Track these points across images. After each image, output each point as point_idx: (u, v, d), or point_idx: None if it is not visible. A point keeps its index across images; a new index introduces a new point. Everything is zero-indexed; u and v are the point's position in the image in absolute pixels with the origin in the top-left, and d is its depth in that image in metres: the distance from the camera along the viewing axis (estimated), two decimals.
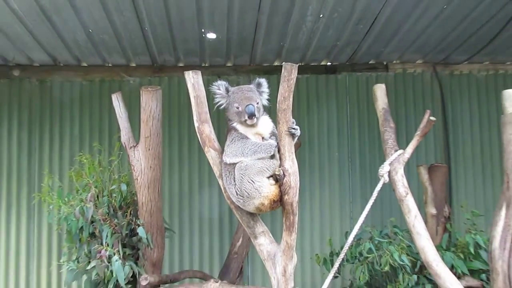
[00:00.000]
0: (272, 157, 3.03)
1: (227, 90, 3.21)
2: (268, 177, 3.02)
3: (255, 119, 3.09)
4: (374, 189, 3.96)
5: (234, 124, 3.17)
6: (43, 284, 5.37)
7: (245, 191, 3.02)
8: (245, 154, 3.03)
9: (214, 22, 4.64)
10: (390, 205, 5.38)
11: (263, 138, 3.15)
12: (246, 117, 3.08)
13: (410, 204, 3.91)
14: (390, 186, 4.03)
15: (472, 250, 4.11)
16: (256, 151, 3.01)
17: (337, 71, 5.77)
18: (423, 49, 5.47)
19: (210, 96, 3.29)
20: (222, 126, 3.81)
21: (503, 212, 3.67)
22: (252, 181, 2.99)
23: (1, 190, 5.45)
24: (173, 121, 5.56)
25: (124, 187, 4.17)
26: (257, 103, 3.13)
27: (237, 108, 3.11)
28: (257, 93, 3.19)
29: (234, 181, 3.07)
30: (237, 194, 3.07)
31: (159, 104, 4.00)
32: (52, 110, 5.57)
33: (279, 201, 3.03)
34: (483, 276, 4.05)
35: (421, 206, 4.32)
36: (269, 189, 3.01)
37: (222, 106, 3.22)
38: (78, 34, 4.80)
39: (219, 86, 3.21)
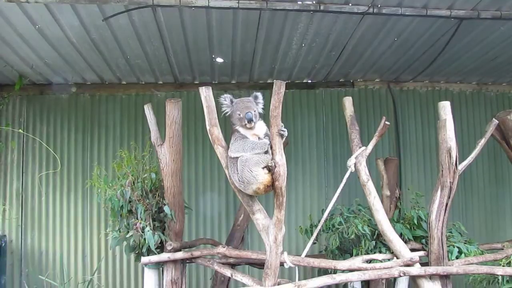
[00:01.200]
0: (266, 152, 3.01)
1: (231, 101, 3.22)
2: (263, 168, 2.98)
3: (253, 123, 3.11)
4: (343, 177, 3.93)
5: (237, 127, 3.18)
6: (94, 247, 5.36)
7: (245, 178, 3.01)
8: (245, 150, 3.02)
9: (222, 49, 4.61)
10: (356, 189, 5.32)
11: (259, 138, 3.14)
12: (246, 122, 3.10)
13: (370, 188, 3.89)
14: (355, 174, 3.99)
15: (415, 221, 4.12)
16: (254, 147, 3.01)
17: (315, 87, 5.72)
18: (380, 70, 5.44)
19: (218, 105, 3.27)
20: (228, 129, 3.77)
21: (438, 193, 3.70)
22: (251, 170, 2.98)
23: (63, 178, 5.41)
24: (190, 125, 5.52)
25: (153, 175, 4.12)
26: (254, 111, 3.15)
27: (239, 115, 3.12)
28: (254, 103, 3.19)
29: (237, 171, 3.06)
30: (239, 180, 3.06)
31: (180, 112, 3.96)
32: (100, 117, 5.52)
33: (271, 186, 3.01)
34: (423, 241, 4.05)
35: (379, 189, 4.30)
36: (263, 177, 2.99)
37: (227, 113, 3.23)
38: (119, 59, 4.77)
39: (225, 98, 3.22)
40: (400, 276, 3.59)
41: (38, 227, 5.31)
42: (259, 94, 3.23)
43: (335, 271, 3.71)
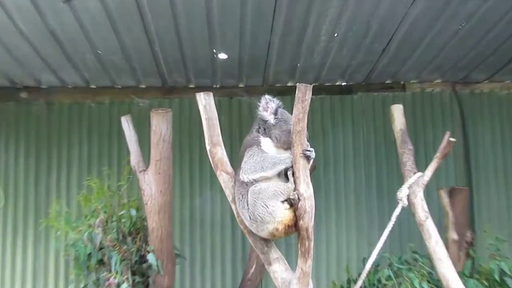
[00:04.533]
0: (287, 180, 3.05)
1: (277, 111, 3.25)
2: (283, 201, 3.02)
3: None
4: (392, 214, 3.95)
5: (260, 138, 3.23)
6: None
7: (259, 216, 3.04)
8: (264, 168, 3.07)
9: (226, 42, 4.68)
10: (409, 230, 5.33)
11: None
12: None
13: (430, 229, 3.89)
14: (409, 210, 4.01)
15: (497, 277, 4.08)
16: (276, 163, 3.06)
17: (353, 92, 5.80)
18: (441, 68, 5.47)
19: (222, 117, 3.35)
20: (235, 149, 3.83)
21: None
22: (266, 205, 3.01)
23: (7, 217, 5.48)
24: (184, 144, 5.60)
25: (133, 212, 4.19)
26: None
27: (289, 130, 3.17)
28: None
29: (248, 205, 3.09)
30: (250, 218, 3.09)
31: (169, 127, 4.03)
32: (60, 133, 5.61)
33: (294, 226, 3.03)
34: None
35: (442, 231, 4.29)
36: (283, 214, 3.02)
37: (267, 121, 3.24)
38: (87, 55, 4.84)
39: (270, 103, 3.25)
40: None
41: None
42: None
43: None
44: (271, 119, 3.22)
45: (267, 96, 3.27)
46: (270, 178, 3.09)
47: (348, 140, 5.72)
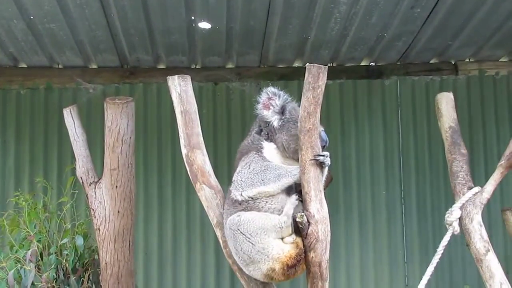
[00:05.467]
0: (289, 192, 3.06)
1: (283, 107, 3.22)
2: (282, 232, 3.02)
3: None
4: (439, 243, 3.95)
5: (263, 143, 3.24)
6: None
7: (244, 254, 3.05)
8: (266, 181, 3.06)
9: (209, 6, 4.69)
10: (463, 267, 5.35)
11: None
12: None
13: (492, 266, 3.88)
14: (462, 238, 4.02)
15: None
16: (282, 174, 3.05)
17: (384, 75, 5.86)
18: (508, 43, 5.51)
19: (203, 110, 3.35)
20: (221, 154, 3.79)
21: None
22: (251, 242, 3.00)
23: None
24: (151, 147, 5.66)
25: (80, 241, 4.19)
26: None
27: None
28: None
29: (233, 236, 3.09)
30: (237, 255, 3.11)
31: (131, 123, 4.03)
32: None
33: (298, 263, 3.02)
34: None
35: (510, 267, 4.30)
36: (281, 249, 3.00)
37: (270, 122, 3.23)
38: (15, 22, 4.84)
39: (276, 97, 3.23)
40: None
41: None
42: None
43: None
44: (275, 120, 3.22)
45: (269, 89, 3.24)
46: (273, 195, 3.08)
47: (377, 141, 5.79)
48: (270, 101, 3.21)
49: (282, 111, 3.21)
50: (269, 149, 3.21)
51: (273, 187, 3.05)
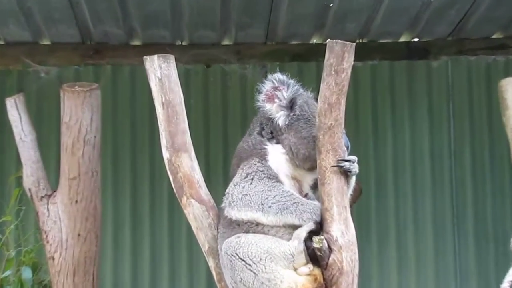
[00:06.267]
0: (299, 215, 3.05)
1: (294, 101, 3.24)
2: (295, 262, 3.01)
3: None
4: (504, 275, 3.96)
5: (267, 147, 3.25)
6: None
7: (244, 285, 3.06)
8: (265, 209, 3.05)
9: None
10: None
11: (300, 189, 3.23)
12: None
13: None
14: None
15: None
16: (287, 208, 3.02)
17: (431, 54, 5.87)
18: None
19: (191, 101, 3.34)
20: (214, 157, 3.77)
21: None
22: (252, 270, 3.00)
23: None
24: (122, 149, 5.69)
25: (27, 273, 4.20)
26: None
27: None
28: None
29: (231, 263, 3.09)
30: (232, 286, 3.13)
31: (95, 117, 4.06)
32: None
33: None
34: None
35: None
36: (294, 281, 3.03)
37: (275, 119, 3.26)
38: None
39: (283, 86, 3.24)
40: None
41: None
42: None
43: None
44: (281, 117, 3.24)
45: (276, 76, 3.24)
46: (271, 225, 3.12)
47: (421, 140, 5.82)
48: (275, 92, 3.22)
49: (291, 106, 3.24)
50: (275, 155, 3.22)
51: (271, 220, 3.07)
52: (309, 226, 2.99)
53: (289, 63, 5.57)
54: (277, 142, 3.22)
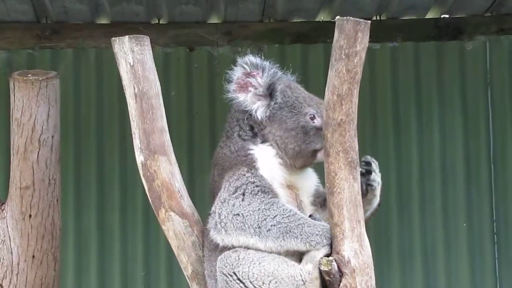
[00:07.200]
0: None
1: (272, 89, 3.32)
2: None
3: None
4: None
5: (253, 151, 3.31)
6: None
7: None
8: (262, 233, 3.10)
9: None
10: None
11: (298, 201, 3.31)
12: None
13: None
14: None
15: None
16: (290, 230, 3.08)
17: (465, 34, 5.93)
18: None
19: (172, 92, 3.37)
20: (199, 160, 3.82)
21: None
22: None
23: None
24: (86, 152, 5.73)
25: None
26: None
27: (312, 119, 3.29)
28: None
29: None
30: None
31: (53, 113, 4.09)
32: None
33: None
34: None
35: None
36: None
37: (251, 112, 3.33)
38: None
39: (257, 70, 3.31)
40: None
41: None
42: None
43: None
44: (259, 108, 3.31)
45: (247, 59, 3.31)
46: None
47: (453, 139, 5.88)
48: (248, 79, 3.30)
49: (270, 93, 3.31)
50: (266, 159, 3.29)
51: (271, 246, 3.10)
52: (326, 249, 3.04)
53: (290, 45, 5.63)
54: (263, 141, 3.29)
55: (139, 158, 3.42)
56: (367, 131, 4.45)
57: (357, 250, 3.09)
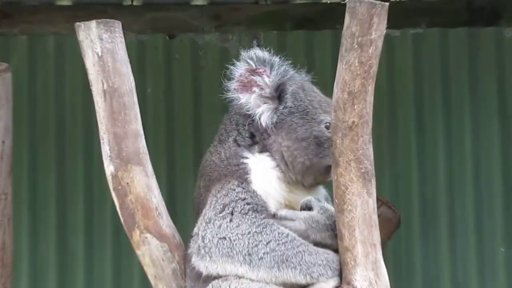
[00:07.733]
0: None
1: (281, 90, 3.25)
2: None
3: None
4: None
5: (248, 162, 3.23)
6: None
7: None
8: (253, 261, 3.04)
9: None
10: None
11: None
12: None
13: None
14: None
15: None
16: (288, 259, 3.00)
17: (503, 19, 5.85)
18: None
19: (149, 89, 3.27)
20: (181, 171, 3.74)
21: None
22: None
23: None
24: (45, 160, 5.64)
25: None
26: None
27: (328, 128, 3.16)
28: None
29: None
30: None
31: (4, 112, 4.03)
32: None
33: None
34: None
35: None
36: None
37: (255, 116, 3.25)
38: None
39: (265, 66, 3.23)
40: None
41: None
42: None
43: None
44: (265, 112, 3.24)
45: (252, 53, 3.22)
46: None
47: (489, 144, 5.81)
48: (253, 77, 3.22)
49: (278, 95, 3.24)
50: (262, 172, 3.21)
51: (263, 276, 3.03)
52: (335, 280, 2.98)
53: (292, 31, 5.53)
54: (262, 151, 3.21)
55: (109, 168, 3.32)
56: (385, 136, 4.38)
57: (372, 280, 3.00)
